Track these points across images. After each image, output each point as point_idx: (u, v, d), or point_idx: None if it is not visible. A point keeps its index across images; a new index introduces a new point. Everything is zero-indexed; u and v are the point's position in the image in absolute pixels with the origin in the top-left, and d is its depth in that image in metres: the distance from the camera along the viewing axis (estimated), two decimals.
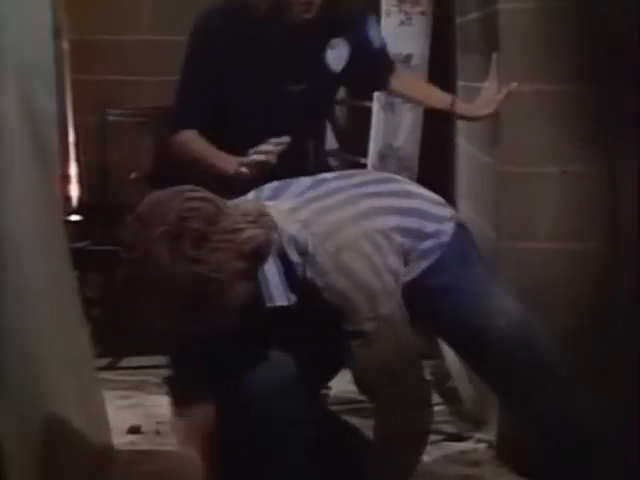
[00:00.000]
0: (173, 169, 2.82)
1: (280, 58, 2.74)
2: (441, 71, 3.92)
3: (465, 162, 3.81)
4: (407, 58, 3.93)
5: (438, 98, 2.97)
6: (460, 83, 3.79)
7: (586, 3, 3.06)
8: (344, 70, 2.84)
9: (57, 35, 4.59)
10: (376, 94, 3.98)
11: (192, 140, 2.80)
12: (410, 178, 4.08)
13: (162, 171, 3.08)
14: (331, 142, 4.74)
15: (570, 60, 3.09)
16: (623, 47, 3.03)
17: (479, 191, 3.53)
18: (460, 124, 3.83)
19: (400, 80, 3.01)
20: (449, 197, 3.91)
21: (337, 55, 2.82)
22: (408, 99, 3.17)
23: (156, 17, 5.02)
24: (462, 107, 2.94)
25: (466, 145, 3.75)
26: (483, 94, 2.90)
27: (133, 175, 4.35)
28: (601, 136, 3.06)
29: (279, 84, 2.76)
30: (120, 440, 3.27)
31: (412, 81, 3.11)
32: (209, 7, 2.80)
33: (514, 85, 2.87)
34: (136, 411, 3.69)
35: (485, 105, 2.89)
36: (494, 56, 2.99)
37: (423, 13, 3.95)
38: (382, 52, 2.98)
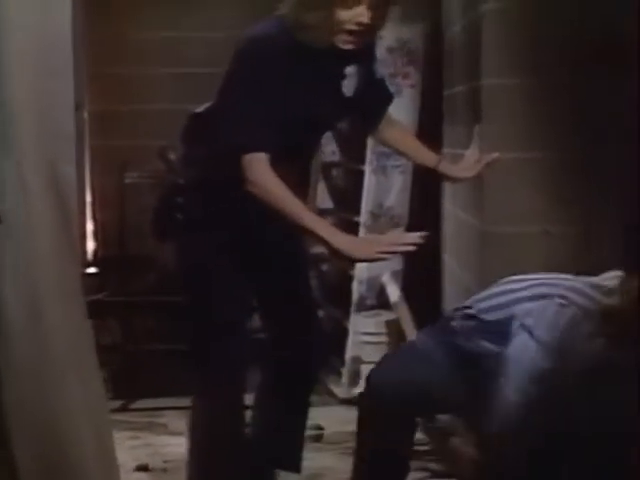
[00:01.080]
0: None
1: (318, 79, 2.57)
2: (429, 139, 3.92)
3: (451, 222, 3.80)
4: None
5: (425, 156, 2.88)
6: (446, 150, 3.79)
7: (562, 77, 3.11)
8: (352, 98, 2.72)
9: (78, 106, 4.65)
10: (368, 158, 3.98)
11: (284, 195, 2.44)
12: None
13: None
14: (327, 201, 4.76)
15: (549, 130, 3.12)
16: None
17: (464, 249, 3.52)
18: (446, 188, 3.83)
19: (393, 132, 2.89)
20: (436, 252, 3.95)
21: (349, 82, 2.70)
22: (397, 151, 3.01)
23: (168, 88, 5.07)
24: (446, 167, 2.86)
25: (452, 207, 3.74)
26: (465, 160, 2.87)
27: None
28: (580, 199, 3.07)
29: (314, 104, 2.58)
30: (128, 477, 3.22)
31: (404, 135, 2.96)
32: (259, 31, 2.54)
33: (496, 155, 2.84)
34: (146, 450, 3.63)
35: (466, 169, 2.83)
36: (477, 127, 3.00)
37: (412, 86, 3.97)
38: (383, 82, 2.88)
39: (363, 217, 4.12)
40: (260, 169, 2.43)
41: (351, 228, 4.29)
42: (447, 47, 3.77)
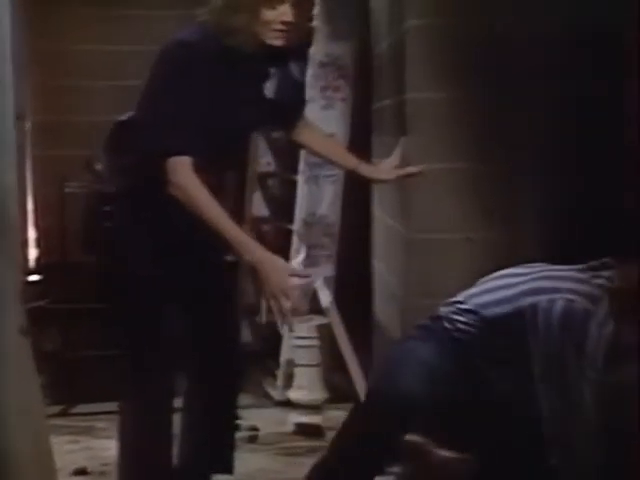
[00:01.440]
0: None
1: (243, 83, 2.60)
2: (359, 150, 3.99)
3: (380, 229, 3.86)
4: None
5: (346, 158, 2.94)
6: (374, 161, 3.85)
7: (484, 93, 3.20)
8: (273, 99, 2.78)
9: (21, 117, 4.66)
10: (301, 168, 4.03)
11: (206, 200, 2.45)
12: (332, 242, 4.16)
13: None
14: (263, 210, 4.80)
15: (472, 141, 3.19)
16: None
17: (391, 255, 3.58)
18: (376, 195, 3.89)
19: (312, 135, 2.92)
20: (366, 258, 4.01)
21: (270, 83, 2.78)
22: (318, 154, 3.05)
23: (109, 99, 5.09)
24: (365, 169, 2.93)
25: (381, 214, 3.81)
26: (384, 163, 2.97)
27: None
28: (501, 206, 3.15)
29: (240, 108, 2.60)
30: None
31: (323, 138, 3.03)
32: (183, 37, 2.55)
33: (421, 167, 2.93)
34: (84, 454, 3.64)
35: (385, 172, 2.94)
36: (402, 138, 3.08)
37: (343, 99, 4.03)
38: (301, 85, 2.94)
39: (296, 225, 4.17)
40: (183, 172, 2.45)
41: (286, 235, 4.35)
42: (376, 62, 3.82)
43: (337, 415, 3.64)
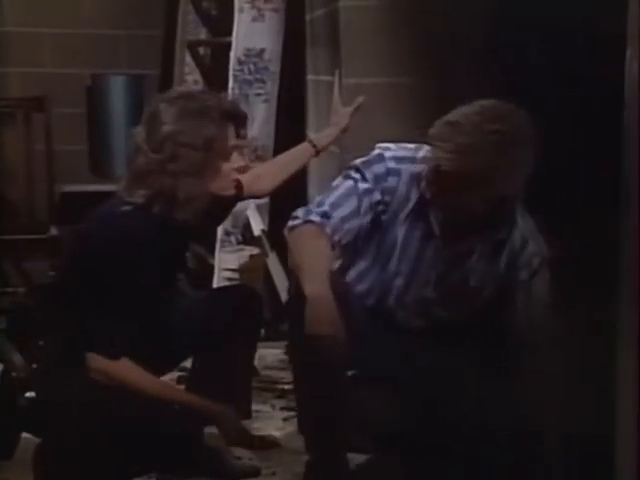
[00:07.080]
0: None
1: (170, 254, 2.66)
2: (293, 64, 3.90)
3: None
4: (260, 52, 3.84)
5: (300, 155, 2.95)
6: (310, 77, 3.76)
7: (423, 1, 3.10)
8: None
9: None
10: (230, 86, 3.93)
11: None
12: None
13: None
14: None
15: (407, 55, 3.11)
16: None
17: (325, 179, 3.51)
18: (310, 119, 3.81)
19: (262, 179, 2.91)
20: (301, 184, 3.93)
21: None
22: (285, 179, 3.00)
23: (22, 9, 4.94)
24: (322, 140, 2.94)
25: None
26: (334, 114, 2.93)
27: None
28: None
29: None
30: None
31: (271, 168, 3.02)
32: (122, 219, 2.51)
33: (360, 99, 2.90)
34: None
35: (338, 123, 2.93)
36: (336, 73, 3.01)
37: (275, 10, 3.88)
38: None
39: None
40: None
41: None
42: None
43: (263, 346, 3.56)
